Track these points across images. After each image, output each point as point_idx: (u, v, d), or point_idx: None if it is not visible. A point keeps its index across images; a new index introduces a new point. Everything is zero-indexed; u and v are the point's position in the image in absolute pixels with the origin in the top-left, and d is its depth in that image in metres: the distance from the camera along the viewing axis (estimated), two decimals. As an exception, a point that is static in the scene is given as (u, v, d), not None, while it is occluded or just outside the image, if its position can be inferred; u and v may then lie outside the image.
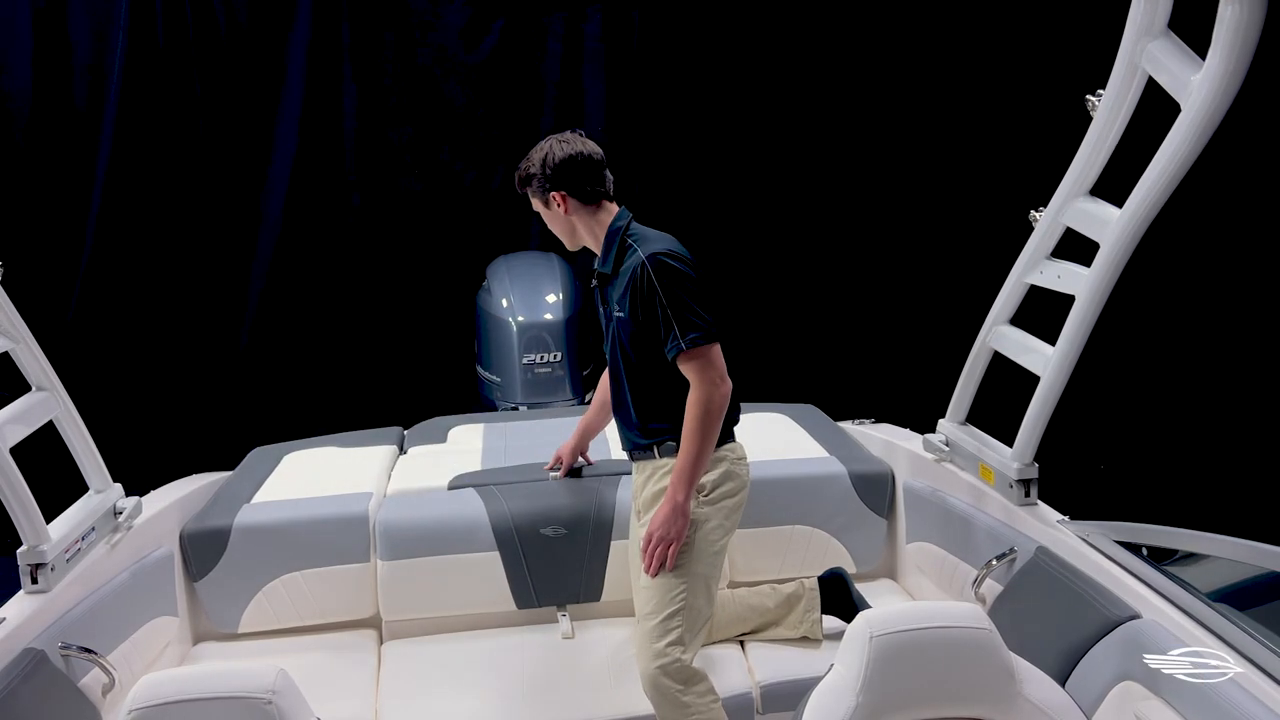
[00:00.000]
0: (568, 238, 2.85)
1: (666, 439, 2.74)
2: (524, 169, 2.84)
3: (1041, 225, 2.68)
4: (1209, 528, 2.41)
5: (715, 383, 2.60)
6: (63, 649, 2.46)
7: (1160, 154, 2.23)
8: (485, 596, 3.16)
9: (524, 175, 2.85)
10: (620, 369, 2.78)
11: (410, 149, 6.23)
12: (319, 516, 3.19)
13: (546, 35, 6.17)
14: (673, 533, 2.61)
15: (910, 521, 3.34)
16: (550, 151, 2.80)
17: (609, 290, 2.77)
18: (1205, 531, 2.41)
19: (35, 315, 2.70)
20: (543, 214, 2.85)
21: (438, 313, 6.27)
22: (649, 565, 2.63)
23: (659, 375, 2.70)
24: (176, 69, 5.86)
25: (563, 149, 2.79)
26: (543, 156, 2.80)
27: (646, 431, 2.77)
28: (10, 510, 2.46)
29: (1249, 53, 1.99)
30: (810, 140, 6.22)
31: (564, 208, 2.78)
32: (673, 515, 2.61)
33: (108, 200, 5.81)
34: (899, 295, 6.31)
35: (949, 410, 3.17)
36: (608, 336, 2.83)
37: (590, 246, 2.84)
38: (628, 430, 2.83)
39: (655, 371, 2.70)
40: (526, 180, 2.85)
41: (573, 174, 2.76)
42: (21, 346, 2.58)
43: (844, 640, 1.87)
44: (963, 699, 1.81)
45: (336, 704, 2.74)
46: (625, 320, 2.69)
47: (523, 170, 2.85)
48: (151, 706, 1.68)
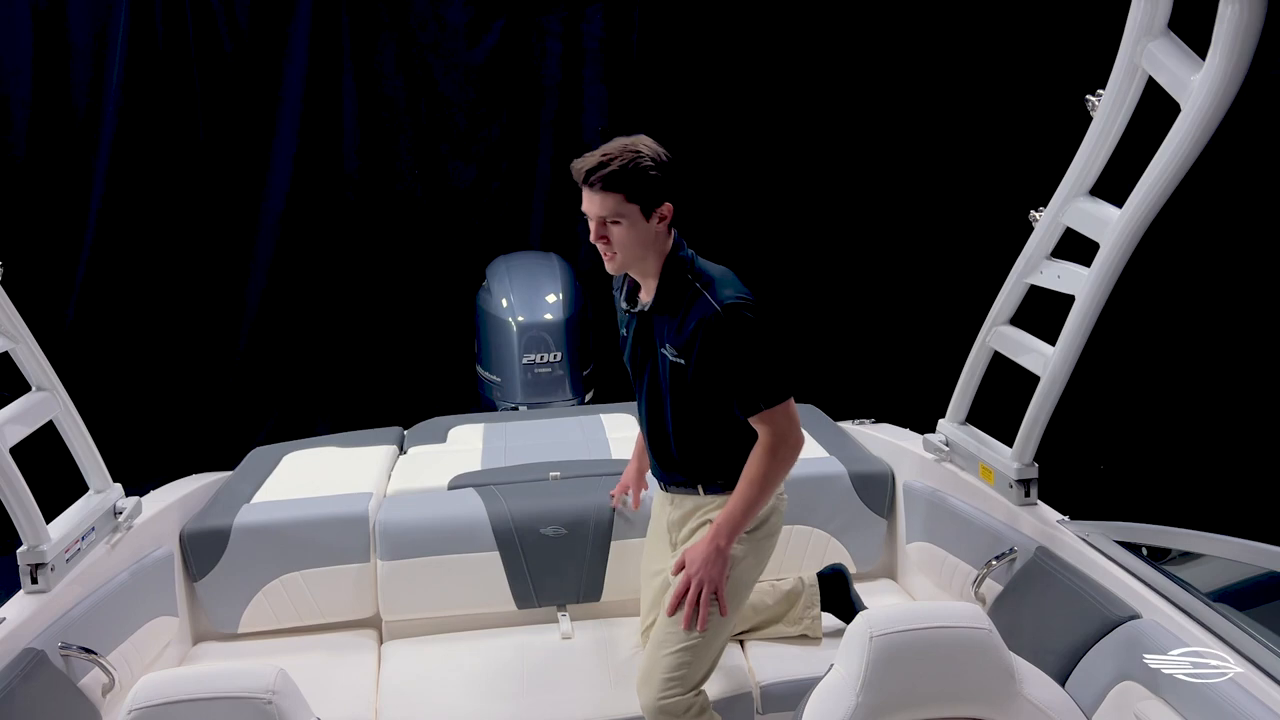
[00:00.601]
0: (635, 260, 2.45)
1: (715, 479, 2.58)
2: (628, 162, 2.35)
3: (1041, 225, 2.68)
4: (1209, 528, 2.41)
5: (790, 440, 2.44)
6: (63, 649, 2.46)
7: (1160, 154, 2.23)
8: (485, 596, 3.16)
9: (630, 170, 2.35)
10: (665, 408, 2.55)
11: (410, 149, 6.24)
12: (319, 516, 3.19)
13: (546, 35, 6.17)
14: (712, 575, 2.43)
15: (910, 522, 3.34)
16: (657, 153, 2.40)
17: (657, 326, 2.50)
18: (1205, 531, 2.41)
19: (35, 315, 2.70)
20: (621, 223, 2.39)
21: (438, 313, 6.27)
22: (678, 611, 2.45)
23: (712, 419, 2.51)
24: (176, 70, 5.86)
25: (666, 154, 2.41)
26: (654, 156, 2.39)
27: (689, 470, 2.61)
28: (10, 510, 2.46)
29: (1249, 53, 1.99)
30: (810, 140, 6.22)
31: (665, 223, 2.44)
32: (715, 558, 2.43)
33: (108, 201, 5.81)
34: (899, 295, 6.31)
35: (949, 410, 3.17)
36: (644, 369, 2.58)
37: (645, 271, 2.50)
38: (665, 465, 2.65)
39: (708, 416, 2.51)
40: (633, 178, 2.36)
41: (678, 186, 2.40)
42: (21, 346, 2.58)
43: (844, 640, 1.87)
44: (963, 699, 1.81)
45: (336, 704, 2.74)
46: (682, 367, 2.45)
47: (623, 163, 2.35)
48: (151, 706, 1.68)
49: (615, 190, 2.37)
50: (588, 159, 2.40)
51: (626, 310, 2.61)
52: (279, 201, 6.09)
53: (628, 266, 2.49)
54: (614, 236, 2.41)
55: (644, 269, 2.50)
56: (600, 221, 2.42)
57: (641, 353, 2.58)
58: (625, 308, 2.61)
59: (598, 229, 2.43)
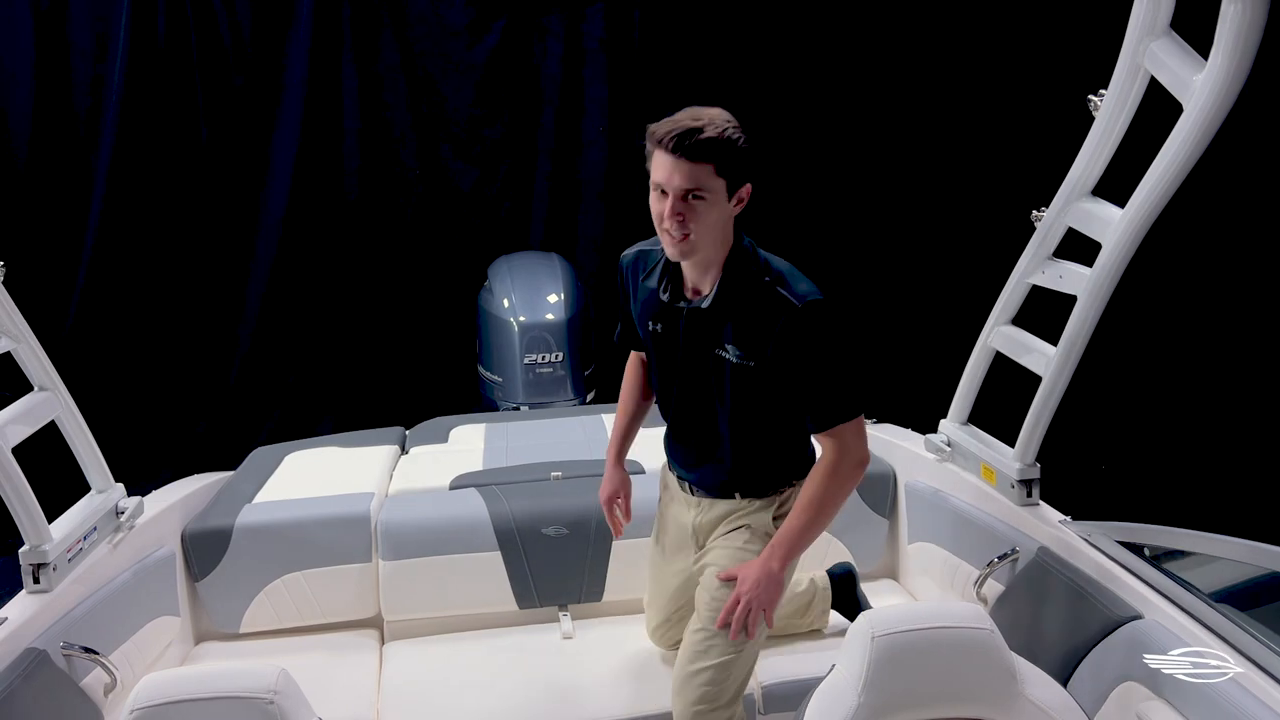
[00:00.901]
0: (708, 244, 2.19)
1: (761, 487, 2.42)
2: (722, 131, 2.11)
3: (1043, 225, 2.68)
4: (1209, 528, 2.41)
5: (856, 457, 2.27)
6: (64, 649, 2.46)
7: (1162, 154, 2.22)
8: (487, 596, 3.16)
9: (724, 140, 2.11)
10: (717, 412, 2.34)
11: (411, 150, 6.24)
12: (321, 516, 3.19)
13: (546, 35, 6.17)
14: (766, 598, 2.26)
15: (912, 522, 3.34)
16: (739, 128, 2.15)
17: (715, 324, 2.27)
18: (1206, 531, 2.41)
19: (37, 316, 2.70)
20: (705, 198, 2.13)
21: (439, 313, 6.27)
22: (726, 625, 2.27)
23: (772, 427, 2.34)
24: (177, 71, 5.86)
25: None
26: (738, 129, 2.14)
27: (736, 477, 2.43)
28: (12, 510, 2.46)
29: (1251, 52, 1.99)
30: (811, 140, 6.22)
31: (742, 206, 2.21)
32: (769, 582, 2.26)
33: (109, 201, 5.81)
34: (900, 296, 6.30)
35: (950, 410, 3.17)
36: (690, 369, 2.34)
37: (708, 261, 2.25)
38: (702, 470, 2.46)
39: (769, 423, 2.34)
40: (726, 150, 2.11)
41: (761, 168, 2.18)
42: (23, 346, 2.58)
43: (845, 640, 1.87)
44: (964, 699, 1.81)
45: (338, 704, 2.74)
46: (749, 370, 2.24)
47: (718, 131, 2.11)
48: (153, 706, 1.68)
49: (706, 160, 2.11)
50: (677, 121, 2.12)
51: (667, 303, 2.33)
52: (280, 202, 6.09)
53: (697, 252, 2.19)
54: (693, 214, 2.13)
55: (707, 257, 2.23)
56: (680, 195, 2.12)
57: (689, 352, 2.32)
58: (665, 300, 2.32)
59: (676, 204, 2.13)
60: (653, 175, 2.16)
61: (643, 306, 2.41)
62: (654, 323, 2.38)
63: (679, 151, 2.10)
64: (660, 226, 2.18)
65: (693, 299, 2.30)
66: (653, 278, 2.36)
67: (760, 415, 2.33)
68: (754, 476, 2.43)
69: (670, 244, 2.19)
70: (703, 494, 2.50)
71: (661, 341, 2.39)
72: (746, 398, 2.29)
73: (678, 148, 2.10)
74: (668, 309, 2.33)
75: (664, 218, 2.15)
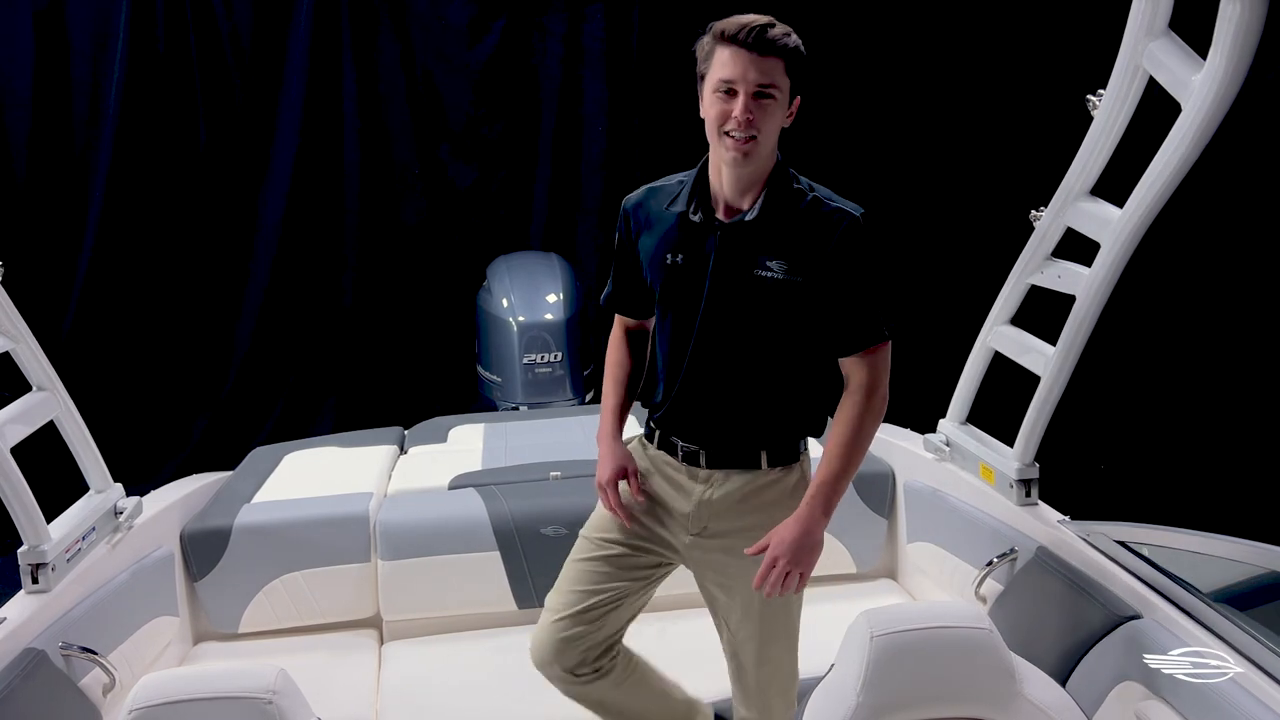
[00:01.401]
0: (766, 155, 2.10)
1: (790, 444, 2.25)
2: (787, 31, 2.05)
3: (1042, 225, 2.68)
4: (1209, 528, 2.41)
5: (884, 390, 2.16)
6: (63, 649, 2.46)
7: (1161, 154, 2.22)
8: (486, 596, 3.16)
9: (792, 39, 2.05)
10: (744, 352, 2.17)
11: (410, 149, 6.24)
12: (319, 516, 3.19)
13: (547, 35, 6.17)
14: (806, 562, 2.10)
15: (911, 521, 3.34)
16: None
17: (758, 240, 2.12)
18: (1205, 531, 2.41)
19: (36, 316, 2.70)
20: (775, 97, 2.04)
21: (438, 313, 6.27)
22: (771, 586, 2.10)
23: (801, 363, 2.20)
24: (177, 71, 5.86)
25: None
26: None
27: (765, 434, 2.23)
28: (11, 510, 2.46)
29: (1250, 52, 1.99)
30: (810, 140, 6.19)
31: (791, 120, 2.11)
32: (809, 545, 2.09)
33: (109, 200, 5.81)
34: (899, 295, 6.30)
35: (949, 410, 3.17)
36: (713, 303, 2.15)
37: (753, 177, 2.13)
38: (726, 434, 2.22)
39: (798, 358, 2.19)
40: (794, 50, 2.05)
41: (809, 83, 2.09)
42: (22, 346, 2.58)
43: (844, 640, 1.87)
44: (963, 699, 1.81)
45: (337, 704, 2.74)
46: (792, 285, 2.10)
47: (785, 31, 2.05)
48: (152, 706, 1.68)
49: (779, 55, 2.02)
50: (747, 19, 2.04)
51: (699, 224, 2.16)
52: (280, 202, 6.09)
53: (758, 157, 2.07)
54: (763, 113, 2.03)
55: (757, 170, 2.11)
56: (752, 93, 2.01)
57: (721, 277, 2.14)
58: (697, 221, 2.16)
59: (748, 101, 2.01)
60: (716, 74, 2.05)
61: (660, 240, 2.23)
62: (674, 255, 2.20)
63: (757, 46, 2.01)
64: (721, 130, 2.06)
65: (728, 219, 2.16)
66: (678, 202, 2.20)
67: (793, 347, 2.19)
68: (780, 432, 2.24)
69: (733, 147, 2.05)
70: (716, 466, 2.23)
71: (682, 275, 2.19)
72: (784, 323, 2.15)
73: (757, 42, 2.01)
74: (697, 232, 2.17)
75: (730, 117, 2.04)
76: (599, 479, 2.32)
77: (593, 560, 2.35)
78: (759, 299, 2.13)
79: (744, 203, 2.15)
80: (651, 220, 2.26)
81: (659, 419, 2.31)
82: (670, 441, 2.29)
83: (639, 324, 2.44)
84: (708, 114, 2.09)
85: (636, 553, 2.34)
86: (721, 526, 2.25)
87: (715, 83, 2.06)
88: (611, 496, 2.30)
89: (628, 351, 2.45)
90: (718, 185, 2.17)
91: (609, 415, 2.39)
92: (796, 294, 2.12)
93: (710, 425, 2.24)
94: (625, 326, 2.46)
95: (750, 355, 2.18)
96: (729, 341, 2.18)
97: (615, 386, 2.42)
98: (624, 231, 2.32)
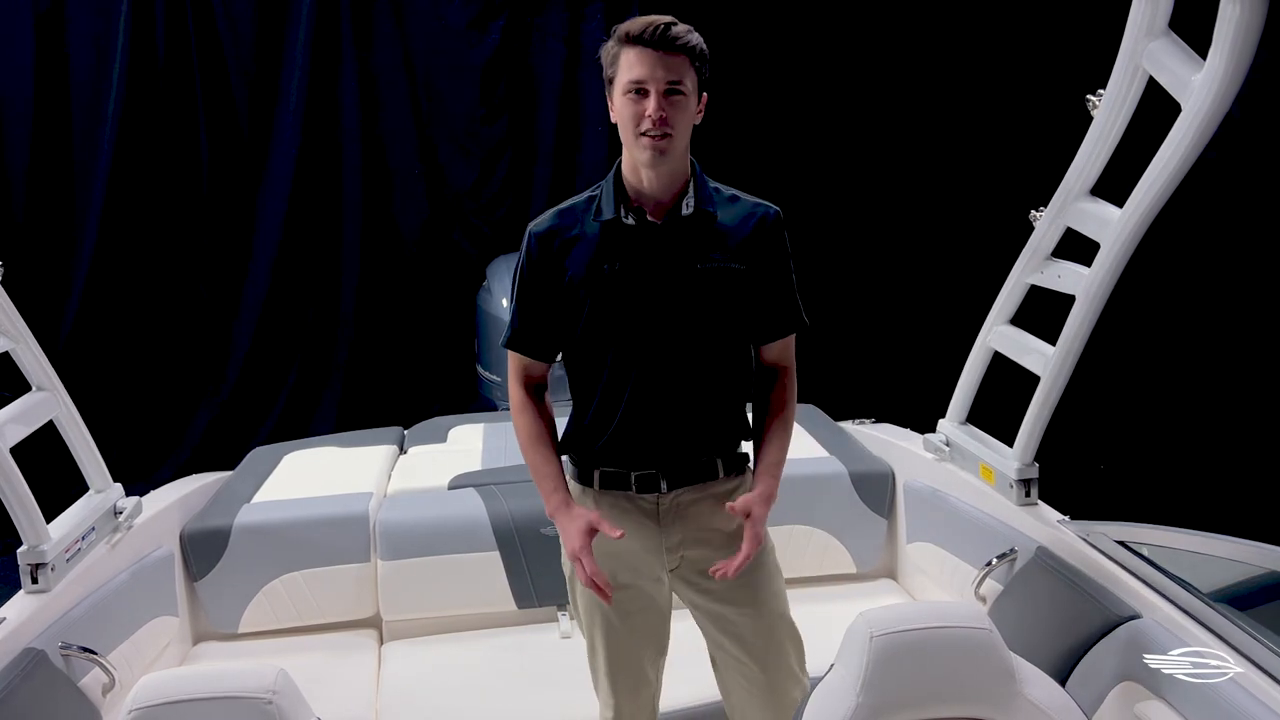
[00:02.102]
0: (681, 151, 2.11)
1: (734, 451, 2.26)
2: (688, 29, 2.10)
3: (1042, 225, 2.68)
4: (1209, 528, 2.41)
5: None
6: (63, 649, 2.46)
7: (1160, 154, 2.22)
8: (485, 596, 3.16)
9: (693, 35, 2.09)
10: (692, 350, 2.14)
11: (410, 149, 6.24)
12: (319, 516, 3.19)
13: (547, 35, 6.17)
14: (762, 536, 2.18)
15: (910, 521, 3.34)
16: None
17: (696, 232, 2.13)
18: (1205, 531, 2.41)
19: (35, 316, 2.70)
20: (685, 94, 2.05)
21: (438, 313, 6.27)
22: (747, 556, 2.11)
23: (737, 361, 2.22)
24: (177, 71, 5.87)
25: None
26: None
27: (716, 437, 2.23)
28: (10, 510, 2.46)
29: (1250, 53, 1.99)
30: (810, 140, 6.22)
31: (700, 117, 2.13)
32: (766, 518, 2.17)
33: (108, 201, 5.83)
34: (899, 295, 6.30)
35: (949, 410, 3.17)
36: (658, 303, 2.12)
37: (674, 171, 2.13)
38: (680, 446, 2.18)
39: (735, 355, 2.21)
40: (697, 47, 2.08)
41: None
42: (21, 346, 2.58)
43: (844, 640, 1.87)
44: (963, 699, 1.81)
45: (337, 704, 2.74)
46: (736, 273, 2.13)
47: (686, 28, 2.09)
48: (152, 706, 1.68)
49: (684, 53, 2.05)
50: (648, 19, 2.06)
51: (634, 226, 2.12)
52: (280, 203, 6.09)
53: (674, 156, 2.08)
54: (675, 110, 2.03)
55: (675, 168, 2.11)
56: (662, 90, 2.02)
57: (666, 274, 2.12)
58: (630, 224, 2.12)
59: (660, 100, 2.02)
60: (625, 76, 2.05)
61: (589, 254, 2.15)
62: (610, 264, 2.13)
63: (662, 45, 2.03)
64: (636, 130, 2.05)
65: (660, 217, 2.14)
66: (603, 212, 2.14)
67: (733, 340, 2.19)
68: (728, 436, 2.24)
69: (648, 145, 2.04)
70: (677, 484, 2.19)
71: (621, 281, 2.13)
72: (728, 313, 2.16)
73: (661, 41, 2.03)
74: (630, 235, 2.13)
75: (643, 117, 2.03)
76: (570, 550, 2.14)
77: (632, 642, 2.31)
78: (705, 290, 2.13)
79: (672, 199, 2.14)
80: (570, 239, 2.18)
81: (599, 453, 2.21)
82: (619, 475, 2.20)
83: (539, 375, 2.29)
84: (620, 116, 2.09)
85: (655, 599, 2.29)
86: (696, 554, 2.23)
87: (625, 84, 2.05)
88: (588, 565, 2.10)
89: (538, 412, 2.28)
90: (640, 187, 2.14)
91: (552, 485, 2.22)
92: (740, 282, 2.14)
93: (665, 439, 2.17)
94: (525, 382, 2.28)
95: (698, 353, 2.16)
96: (677, 341, 2.14)
97: (547, 452, 2.25)
98: (534, 259, 2.19)
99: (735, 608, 2.27)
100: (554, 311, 2.20)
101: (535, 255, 2.19)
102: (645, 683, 2.35)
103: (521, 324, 2.24)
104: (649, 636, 2.32)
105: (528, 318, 2.23)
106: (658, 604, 2.30)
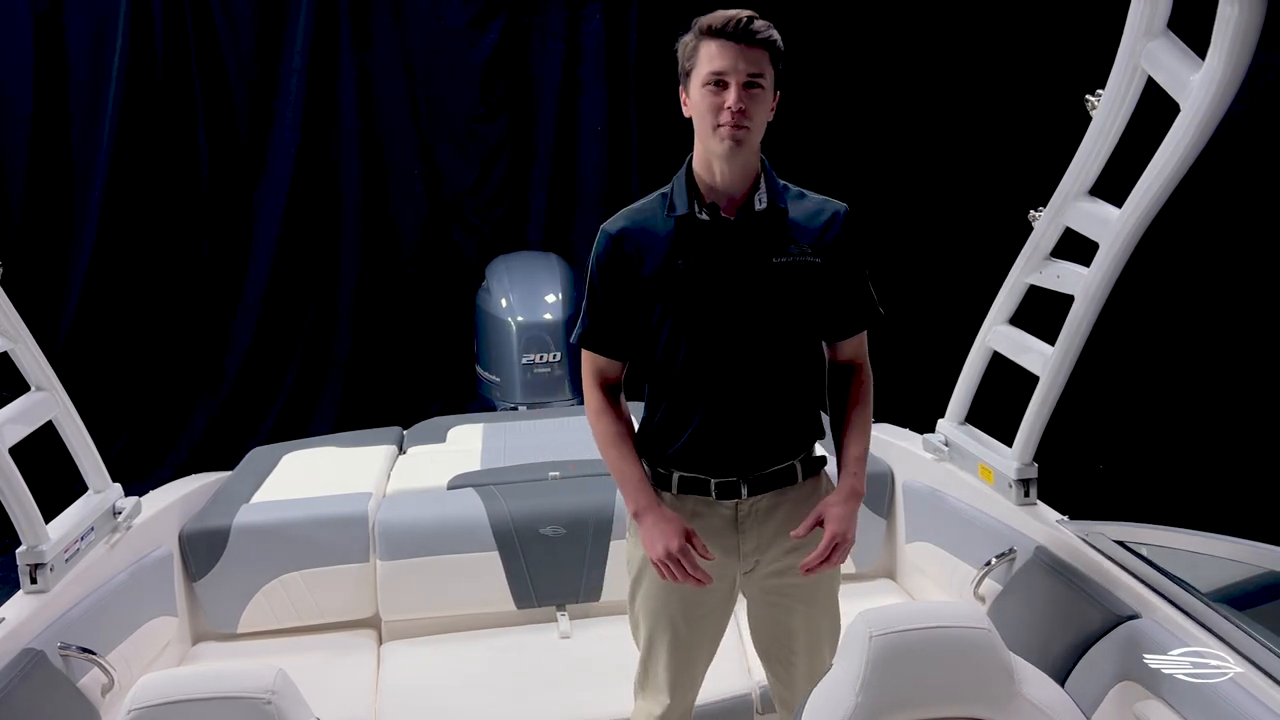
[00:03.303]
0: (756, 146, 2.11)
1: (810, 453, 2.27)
2: (768, 24, 2.08)
3: (1041, 225, 2.68)
4: (1209, 528, 2.41)
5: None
6: (62, 649, 2.46)
7: (1159, 154, 2.22)
8: (484, 596, 3.16)
9: (772, 30, 2.07)
10: (770, 345, 2.14)
11: (410, 149, 6.24)
12: (318, 516, 3.19)
13: (546, 35, 6.17)
14: (853, 533, 2.17)
15: (910, 521, 3.34)
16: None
17: (773, 226, 2.13)
18: (1205, 531, 2.41)
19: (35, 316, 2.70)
20: (764, 87, 2.05)
21: (437, 312, 6.27)
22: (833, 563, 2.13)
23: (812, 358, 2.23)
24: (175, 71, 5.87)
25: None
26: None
27: (796, 437, 2.24)
28: (9, 510, 2.46)
29: (1249, 53, 1.99)
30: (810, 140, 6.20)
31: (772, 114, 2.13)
32: (854, 515, 2.17)
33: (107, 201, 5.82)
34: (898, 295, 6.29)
35: (948, 410, 3.17)
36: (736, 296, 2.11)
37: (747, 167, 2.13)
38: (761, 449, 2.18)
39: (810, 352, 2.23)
40: (775, 40, 2.07)
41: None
42: (21, 346, 2.58)
43: (843, 640, 1.87)
44: (962, 699, 1.81)
45: (336, 704, 2.74)
46: (813, 266, 2.13)
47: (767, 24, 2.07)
48: (151, 706, 1.68)
49: (765, 47, 2.04)
50: (730, 12, 2.05)
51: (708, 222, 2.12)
52: (279, 202, 6.09)
53: (750, 147, 2.08)
54: (753, 103, 2.03)
55: (748, 162, 2.12)
56: (743, 83, 2.02)
57: (742, 268, 2.12)
58: (705, 219, 2.12)
59: (740, 93, 2.01)
60: (705, 68, 2.04)
61: (664, 251, 2.14)
62: (685, 259, 2.13)
63: (744, 38, 2.02)
64: (715, 121, 2.04)
65: (733, 212, 2.14)
66: (677, 208, 2.15)
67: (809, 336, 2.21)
68: (805, 437, 2.25)
69: (725, 136, 2.03)
70: (757, 491, 2.19)
71: (697, 278, 2.12)
72: (805, 308, 2.15)
73: (744, 34, 2.02)
74: (705, 231, 2.13)
75: (722, 109, 2.03)
76: (668, 549, 2.08)
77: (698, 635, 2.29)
78: (782, 284, 2.12)
79: (744, 195, 2.14)
80: (643, 236, 2.17)
81: (675, 456, 2.19)
82: (699, 481, 2.18)
83: (615, 376, 2.26)
84: (698, 108, 2.08)
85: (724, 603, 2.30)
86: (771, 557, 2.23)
87: (705, 76, 2.05)
88: (687, 562, 2.08)
89: (616, 414, 2.25)
90: (714, 181, 2.14)
91: (637, 484, 2.18)
92: (816, 275, 2.15)
93: (743, 440, 2.16)
94: (602, 385, 2.25)
95: (774, 349, 2.15)
96: (754, 336, 2.12)
97: (630, 453, 2.21)
98: (608, 257, 2.18)
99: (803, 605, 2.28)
100: (627, 309, 2.19)
101: (609, 253, 2.19)
102: (695, 684, 2.37)
103: (593, 322, 2.23)
104: (711, 640, 2.33)
105: (600, 315, 2.22)
106: (725, 608, 2.30)
